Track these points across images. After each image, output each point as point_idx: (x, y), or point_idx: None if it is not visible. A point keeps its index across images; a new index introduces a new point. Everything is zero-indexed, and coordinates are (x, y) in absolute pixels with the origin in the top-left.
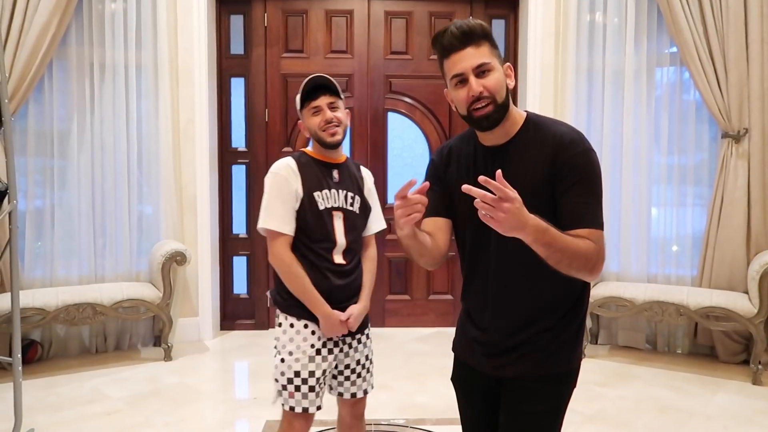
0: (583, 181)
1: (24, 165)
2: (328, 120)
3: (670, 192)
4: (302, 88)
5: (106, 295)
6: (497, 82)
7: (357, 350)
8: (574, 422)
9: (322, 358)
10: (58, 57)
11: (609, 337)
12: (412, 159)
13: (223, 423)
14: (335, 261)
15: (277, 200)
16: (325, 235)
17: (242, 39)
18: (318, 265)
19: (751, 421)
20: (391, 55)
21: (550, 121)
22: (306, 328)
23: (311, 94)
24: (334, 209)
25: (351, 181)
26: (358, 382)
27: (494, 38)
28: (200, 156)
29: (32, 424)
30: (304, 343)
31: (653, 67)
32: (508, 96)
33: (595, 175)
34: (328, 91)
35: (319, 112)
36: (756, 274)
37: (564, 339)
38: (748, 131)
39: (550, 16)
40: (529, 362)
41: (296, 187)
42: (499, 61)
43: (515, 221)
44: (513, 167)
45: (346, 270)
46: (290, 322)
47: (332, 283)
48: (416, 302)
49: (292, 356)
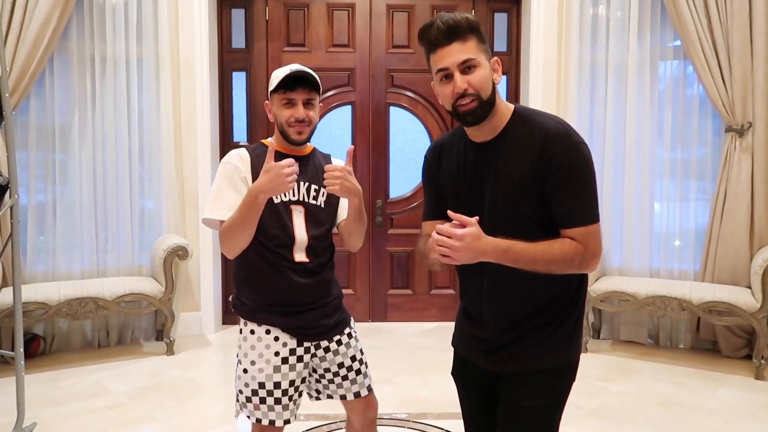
0: (572, 177)
1: (25, 159)
2: (299, 118)
3: (673, 186)
4: (282, 77)
5: (108, 289)
6: (482, 79)
7: (338, 353)
8: (575, 417)
9: (289, 367)
10: (59, 51)
11: (611, 332)
12: (414, 153)
13: (225, 417)
14: (296, 259)
15: (227, 188)
16: (282, 230)
17: (243, 33)
18: (275, 263)
19: (753, 415)
20: (393, 49)
21: (538, 115)
22: (268, 334)
23: (290, 83)
24: (292, 203)
25: (316, 173)
26: (345, 385)
27: (482, 32)
28: (202, 150)
29: (35, 418)
30: (267, 350)
31: (656, 61)
32: (494, 92)
33: (584, 168)
34: (308, 86)
35: (293, 106)
36: (759, 268)
37: (561, 333)
38: (751, 125)
39: (553, 9)
40: (527, 357)
41: (245, 175)
42: (486, 56)
43: (471, 254)
44: (501, 163)
45: (310, 268)
46: (250, 328)
47: (293, 281)
48: (418, 297)
49: (255, 366)
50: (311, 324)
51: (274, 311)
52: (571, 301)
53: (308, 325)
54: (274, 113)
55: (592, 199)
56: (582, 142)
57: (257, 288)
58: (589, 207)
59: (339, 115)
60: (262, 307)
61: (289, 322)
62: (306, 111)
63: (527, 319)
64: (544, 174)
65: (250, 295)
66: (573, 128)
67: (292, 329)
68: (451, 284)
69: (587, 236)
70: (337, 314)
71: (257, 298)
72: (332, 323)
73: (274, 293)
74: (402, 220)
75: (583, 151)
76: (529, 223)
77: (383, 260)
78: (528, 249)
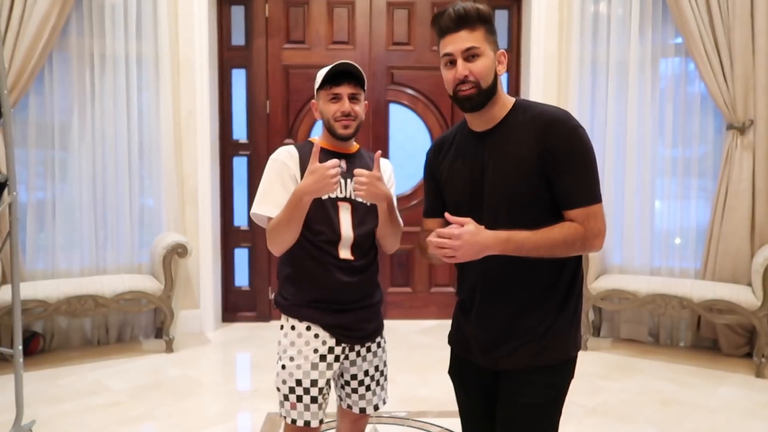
0: (573, 158)
1: (25, 157)
2: (345, 112)
3: (674, 184)
4: (327, 71)
5: (107, 287)
6: (484, 68)
7: (366, 359)
8: (576, 415)
9: (326, 365)
10: (59, 48)
11: (611, 330)
12: (414, 151)
13: (224, 415)
14: (341, 256)
15: (277, 185)
16: (328, 226)
17: (243, 30)
18: (321, 260)
19: (753, 414)
20: (393, 46)
21: (538, 104)
22: (309, 330)
23: (335, 78)
24: (339, 200)
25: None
26: (368, 396)
27: (493, 24)
28: (201, 148)
29: (34, 416)
30: (306, 347)
31: (658, 59)
32: (496, 82)
33: (585, 149)
34: (354, 80)
35: (338, 101)
36: (760, 266)
37: (557, 329)
38: (753, 123)
39: (554, 6)
40: (524, 354)
41: (295, 173)
42: (493, 47)
43: (473, 249)
44: (501, 149)
45: (354, 266)
46: (291, 324)
47: (337, 279)
48: (418, 294)
49: (294, 362)
50: (352, 325)
51: (316, 308)
52: (566, 297)
53: (349, 325)
54: (320, 110)
55: (593, 180)
56: (581, 126)
57: (301, 284)
58: (589, 187)
59: None
60: (304, 303)
61: (330, 319)
62: (352, 105)
63: (523, 315)
64: (545, 157)
65: (293, 291)
66: (572, 114)
67: (333, 327)
68: (450, 282)
69: (588, 217)
70: (376, 320)
71: (300, 294)
72: (371, 329)
73: (317, 290)
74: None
75: (584, 135)
76: (530, 206)
77: (383, 258)
78: (529, 237)
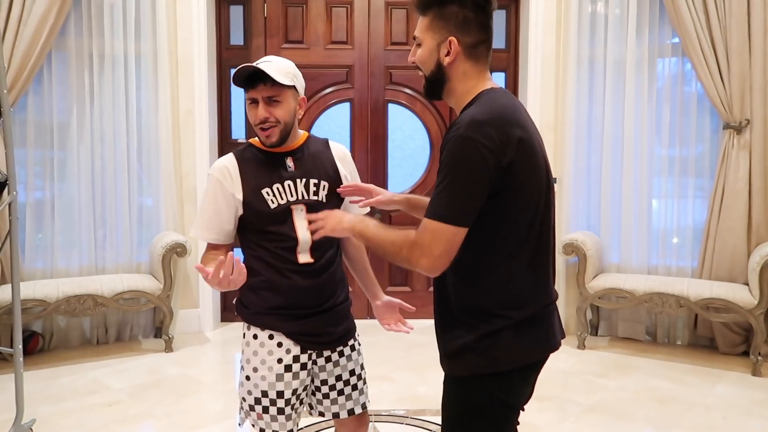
0: (442, 167)
1: (24, 156)
2: (261, 119)
3: (671, 183)
4: (233, 75)
5: (106, 286)
6: (420, 57)
7: (338, 364)
8: (573, 413)
9: (292, 375)
10: (57, 48)
11: (609, 329)
12: (412, 150)
13: (223, 414)
14: (300, 261)
15: (210, 207)
16: (284, 233)
17: (242, 29)
18: (278, 267)
19: (750, 412)
20: (391, 45)
21: (489, 101)
22: (271, 339)
23: (249, 81)
24: (292, 203)
25: (314, 165)
26: (341, 401)
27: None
28: (200, 147)
29: (34, 415)
30: (269, 357)
31: (655, 58)
32: (440, 71)
33: (454, 161)
34: (268, 81)
35: (257, 106)
36: (756, 265)
37: (464, 343)
38: (749, 122)
39: (552, 6)
40: (444, 362)
41: (232, 190)
42: (440, 33)
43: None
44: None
45: (314, 269)
46: (253, 332)
47: (296, 284)
48: (416, 294)
49: (258, 373)
50: (317, 330)
51: (278, 315)
52: (478, 313)
53: (314, 331)
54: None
55: (450, 196)
56: (473, 137)
57: (260, 293)
58: (440, 202)
59: (338, 112)
60: (265, 311)
61: (293, 326)
62: (270, 109)
63: (444, 326)
64: None
65: (254, 299)
66: (488, 121)
67: (297, 335)
68: None
69: (424, 230)
70: (344, 323)
71: (260, 302)
72: (339, 332)
73: (278, 297)
74: (400, 217)
75: (465, 145)
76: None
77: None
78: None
